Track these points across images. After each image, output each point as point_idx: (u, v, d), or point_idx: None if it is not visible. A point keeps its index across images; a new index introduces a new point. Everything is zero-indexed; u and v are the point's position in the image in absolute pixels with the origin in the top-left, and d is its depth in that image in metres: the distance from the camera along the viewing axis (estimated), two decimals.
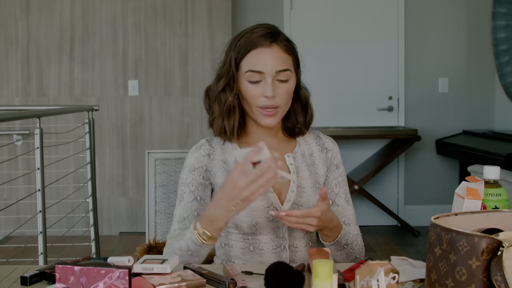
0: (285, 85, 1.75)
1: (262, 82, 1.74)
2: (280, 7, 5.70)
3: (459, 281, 1.11)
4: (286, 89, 1.76)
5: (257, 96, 1.74)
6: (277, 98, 1.74)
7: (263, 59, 1.73)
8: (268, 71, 1.73)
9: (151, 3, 5.48)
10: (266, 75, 1.73)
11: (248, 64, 1.75)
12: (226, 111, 1.79)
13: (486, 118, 5.82)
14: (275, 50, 1.74)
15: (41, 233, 3.31)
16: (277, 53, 1.75)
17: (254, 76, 1.74)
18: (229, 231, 1.80)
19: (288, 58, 1.77)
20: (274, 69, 1.73)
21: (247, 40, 1.76)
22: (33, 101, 5.47)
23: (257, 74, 1.73)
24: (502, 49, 5.50)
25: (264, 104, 1.74)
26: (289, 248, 1.78)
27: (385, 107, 5.79)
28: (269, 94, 1.72)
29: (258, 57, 1.74)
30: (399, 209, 5.82)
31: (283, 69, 1.74)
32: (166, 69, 5.53)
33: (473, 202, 1.34)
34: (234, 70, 1.77)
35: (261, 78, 1.73)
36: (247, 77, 1.75)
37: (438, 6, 5.75)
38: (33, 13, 5.45)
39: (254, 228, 1.75)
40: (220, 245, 1.83)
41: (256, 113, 1.77)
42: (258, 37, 1.75)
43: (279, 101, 1.74)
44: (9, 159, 4.43)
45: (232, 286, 1.40)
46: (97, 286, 1.24)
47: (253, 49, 1.74)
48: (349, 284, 1.43)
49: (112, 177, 5.57)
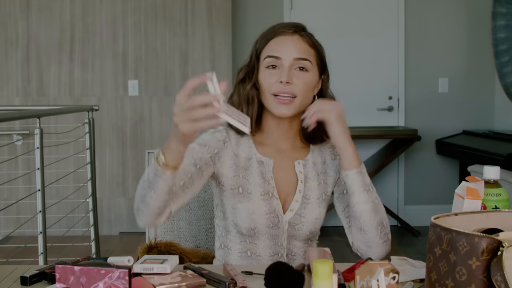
0: (303, 74, 1.70)
1: (279, 69, 1.70)
2: (280, 7, 5.70)
3: (459, 281, 1.11)
4: (304, 78, 1.70)
5: (272, 82, 1.69)
6: (293, 86, 1.68)
7: (282, 45, 1.71)
8: (285, 57, 1.69)
9: (151, 3, 5.48)
10: (283, 61, 1.69)
11: (267, 51, 1.72)
12: (244, 100, 1.75)
13: (486, 118, 5.82)
14: (295, 38, 1.72)
15: (41, 233, 3.31)
16: (298, 42, 1.72)
17: (272, 62, 1.70)
18: (228, 230, 1.77)
19: (310, 50, 1.73)
20: (292, 55, 1.69)
21: (270, 31, 1.75)
22: (33, 101, 5.47)
23: (275, 60, 1.70)
24: (502, 49, 5.50)
25: (278, 90, 1.68)
26: (287, 256, 1.76)
27: (385, 107, 5.80)
28: (283, 79, 1.67)
29: (278, 43, 1.72)
30: (399, 209, 5.82)
31: (302, 58, 1.70)
32: (166, 69, 5.53)
33: (473, 202, 1.34)
34: (254, 60, 1.75)
35: (278, 64, 1.70)
36: (265, 64, 1.72)
37: (438, 6, 5.76)
38: (33, 13, 5.45)
39: (252, 232, 1.72)
40: (220, 247, 1.81)
41: (270, 101, 1.71)
42: (281, 27, 1.74)
43: (295, 90, 1.68)
44: (9, 159, 4.44)
45: (232, 286, 1.40)
46: (97, 286, 1.24)
47: (274, 37, 1.73)
48: (349, 284, 1.43)
49: (112, 177, 5.57)
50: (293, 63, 1.69)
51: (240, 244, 1.76)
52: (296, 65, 1.70)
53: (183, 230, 2.08)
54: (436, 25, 5.77)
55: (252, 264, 1.74)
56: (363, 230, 1.67)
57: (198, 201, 2.09)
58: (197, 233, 2.09)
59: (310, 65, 1.72)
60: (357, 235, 1.70)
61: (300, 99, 1.70)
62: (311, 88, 1.75)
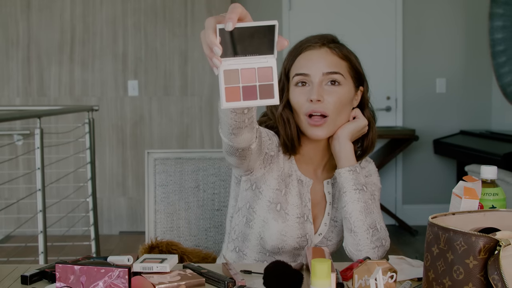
0: (335, 88, 1.60)
1: (308, 87, 1.61)
2: (279, 7, 5.70)
3: (457, 280, 1.12)
4: (336, 94, 1.60)
5: (302, 102, 1.60)
6: (325, 104, 1.59)
7: (309, 60, 1.62)
8: (314, 73, 1.60)
9: (151, 3, 5.48)
10: (312, 77, 1.60)
11: (295, 69, 1.63)
12: (280, 122, 1.65)
13: (483, 118, 5.83)
14: (323, 52, 1.63)
15: (42, 233, 3.32)
16: (326, 55, 1.63)
17: (300, 79, 1.61)
18: (248, 238, 1.71)
19: (340, 62, 1.64)
20: (320, 70, 1.60)
21: (297, 46, 1.67)
22: (33, 101, 5.48)
23: (303, 77, 1.61)
24: (499, 49, 5.51)
25: (310, 109, 1.59)
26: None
27: (383, 107, 5.80)
28: (313, 97, 1.57)
29: (305, 59, 1.63)
30: (397, 208, 5.83)
31: (332, 71, 1.60)
32: (165, 70, 5.53)
33: (471, 201, 1.34)
34: (284, 80, 1.67)
35: (307, 81, 1.61)
36: (294, 82, 1.63)
37: (436, 7, 5.76)
38: (33, 14, 5.46)
39: (277, 250, 1.67)
40: (234, 249, 1.76)
41: (303, 123, 1.62)
42: (308, 41, 1.66)
43: (327, 108, 1.59)
44: (10, 159, 4.44)
45: (231, 285, 1.40)
46: (97, 285, 1.24)
47: (302, 53, 1.64)
48: (347, 283, 1.43)
49: (112, 177, 5.58)
50: (323, 78, 1.60)
51: (258, 254, 1.71)
52: (327, 80, 1.61)
53: (182, 230, 2.08)
54: (433, 26, 5.78)
55: None
56: (353, 231, 1.61)
57: (198, 200, 2.09)
58: (196, 233, 2.09)
59: (342, 79, 1.62)
60: (348, 237, 1.63)
61: (334, 119, 1.62)
62: (347, 103, 1.65)
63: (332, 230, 1.73)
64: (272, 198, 1.66)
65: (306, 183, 1.71)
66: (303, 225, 1.68)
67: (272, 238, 1.65)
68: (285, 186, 1.68)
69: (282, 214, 1.66)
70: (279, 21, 5.62)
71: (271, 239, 1.66)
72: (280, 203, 1.66)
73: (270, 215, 1.66)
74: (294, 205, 1.67)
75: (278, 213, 1.66)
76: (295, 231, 1.66)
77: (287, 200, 1.67)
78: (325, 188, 1.74)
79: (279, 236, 1.65)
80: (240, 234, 1.73)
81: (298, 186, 1.70)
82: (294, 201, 1.68)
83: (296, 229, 1.66)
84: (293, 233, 1.66)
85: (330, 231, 1.73)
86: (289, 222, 1.66)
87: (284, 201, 1.67)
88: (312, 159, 1.73)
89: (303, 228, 1.68)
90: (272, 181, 1.66)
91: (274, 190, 1.67)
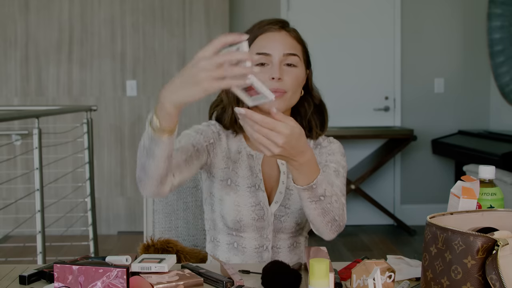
0: (293, 69, 1.70)
1: (269, 66, 1.68)
2: (277, 8, 5.70)
3: (455, 280, 1.12)
4: (294, 74, 1.69)
5: (263, 80, 1.64)
6: (284, 82, 1.67)
7: (270, 41, 1.70)
8: (275, 53, 1.68)
9: (149, 3, 5.48)
10: (273, 58, 1.68)
11: (255, 49, 1.70)
12: (234, 99, 1.75)
13: (481, 118, 5.84)
14: (283, 34, 1.72)
15: (40, 233, 3.32)
16: (286, 37, 1.72)
17: (261, 59, 1.68)
18: (215, 223, 1.78)
19: (297, 46, 1.74)
20: (281, 51, 1.69)
21: (256, 28, 1.74)
22: (31, 101, 5.47)
23: (264, 57, 1.68)
24: (497, 49, 5.52)
25: (271, 87, 1.61)
26: (272, 249, 1.76)
27: (381, 107, 5.81)
28: (275, 75, 1.66)
29: (266, 40, 1.71)
30: (395, 208, 5.83)
31: (291, 53, 1.70)
32: (164, 70, 5.53)
33: (469, 201, 1.35)
34: None
35: (268, 61, 1.68)
36: (255, 62, 1.68)
37: (434, 7, 5.77)
38: (31, 14, 5.45)
39: (238, 224, 1.73)
40: (210, 240, 1.83)
41: None
42: (267, 24, 1.73)
43: (286, 86, 1.68)
44: (8, 159, 4.44)
45: (230, 285, 1.41)
46: (95, 285, 1.24)
47: (261, 34, 1.72)
48: (346, 283, 1.44)
49: (110, 177, 5.58)
50: (283, 59, 1.69)
51: (227, 236, 1.77)
52: (285, 61, 1.69)
53: (180, 229, 2.08)
54: (432, 25, 5.78)
55: (238, 255, 1.75)
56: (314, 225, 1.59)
57: (196, 200, 2.09)
58: (195, 232, 2.09)
59: (298, 60, 1.72)
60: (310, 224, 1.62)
61: (291, 95, 1.70)
62: (300, 83, 1.74)
63: (288, 197, 1.76)
64: (222, 176, 1.76)
65: (256, 156, 1.78)
66: (255, 194, 1.74)
67: (229, 213, 1.73)
68: (234, 162, 1.77)
69: (233, 187, 1.74)
70: None
71: (229, 214, 1.73)
72: (230, 178, 1.76)
73: (223, 192, 1.75)
74: (245, 177, 1.75)
75: (229, 187, 1.75)
76: (247, 199, 1.73)
77: (237, 174, 1.76)
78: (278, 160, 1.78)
79: (234, 207, 1.72)
80: (211, 223, 1.82)
81: (249, 160, 1.78)
82: (244, 173, 1.76)
83: (248, 197, 1.72)
84: (246, 201, 1.72)
85: (286, 198, 1.76)
86: (240, 192, 1.74)
87: (234, 175, 1.76)
88: None
89: (255, 197, 1.73)
90: (219, 162, 1.76)
91: (223, 169, 1.76)
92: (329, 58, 5.70)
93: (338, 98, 5.69)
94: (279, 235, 1.77)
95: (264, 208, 1.74)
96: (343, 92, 5.72)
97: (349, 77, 5.74)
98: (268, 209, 1.74)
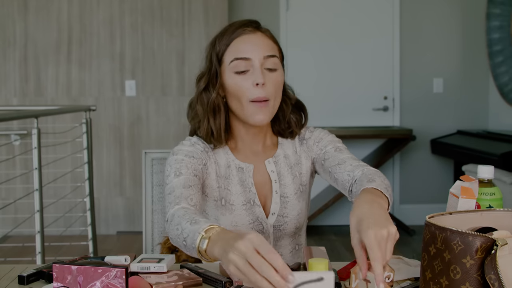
0: (273, 74, 1.61)
1: (250, 72, 1.60)
2: (276, 8, 5.70)
3: (454, 280, 1.12)
4: (275, 78, 1.61)
5: (247, 87, 1.59)
6: (267, 87, 1.59)
7: (248, 45, 1.61)
8: (255, 57, 1.59)
9: (148, 4, 5.48)
10: (253, 62, 1.59)
11: (232, 54, 1.61)
12: (210, 110, 1.65)
13: (480, 118, 5.84)
14: (259, 36, 1.63)
15: (39, 233, 3.32)
16: (263, 39, 1.63)
17: (240, 65, 1.60)
18: None
19: (274, 46, 1.65)
20: (261, 54, 1.60)
21: (227, 32, 1.64)
22: (30, 101, 5.47)
23: (244, 62, 1.60)
24: (496, 49, 5.52)
25: (256, 95, 1.58)
26: None
27: (380, 107, 5.81)
28: (260, 81, 1.57)
29: (243, 44, 1.61)
30: (394, 208, 5.83)
31: (271, 55, 1.61)
32: (163, 70, 5.53)
33: (468, 201, 1.35)
34: (216, 65, 1.64)
35: (248, 66, 1.60)
36: (233, 68, 1.61)
37: (433, 7, 5.77)
38: (30, 14, 5.45)
39: None
40: None
41: (248, 109, 1.60)
42: (239, 26, 1.64)
43: (268, 92, 1.59)
44: (7, 159, 4.44)
45: (228, 285, 1.40)
46: (94, 285, 1.24)
47: (236, 38, 1.62)
48: (345, 283, 1.44)
49: (109, 177, 5.57)
50: (263, 62, 1.60)
51: None
52: (265, 64, 1.60)
53: None
54: (431, 25, 5.78)
55: None
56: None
57: None
58: None
59: (278, 62, 1.64)
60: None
61: (273, 103, 1.63)
62: (281, 85, 1.66)
63: (284, 206, 1.72)
64: (215, 196, 1.69)
65: (247, 168, 1.72)
66: (252, 210, 1.69)
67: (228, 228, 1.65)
68: (225, 179, 1.70)
69: (228, 207, 1.69)
70: (277, 21, 5.63)
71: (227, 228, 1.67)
72: (223, 197, 1.69)
73: (218, 212, 1.70)
74: (238, 194, 1.69)
75: (224, 207, 1.69)
76: (245, 218, 1.68)
77: (230, 191, 1.69)
78: (267, 167, 1.73)
79: (232, 228, 1.66)
80: None
81: (239, 174, 1.71)
82: (236, 190, 1.69)
83: (245, 216, 1.68)
84: (243, 220, 1.68)
85: (283, 207, 1.71)
86: (236, 211, 1.68)
87: (227, 194, 1.69)
88: (249, 144, 1.73)
89: (252, 213, 1.69)
90: (212, 182, 1.69)
91: (215, 188, 1.69)
92: (328, 58, 5.70)
93: (337, 98, 5.70)
94: (280, 242, 1.75)
95: (262, 222, 1.70)
96: (342, 92, 5.72)
97: (348, 77, 5.74)
98: (267, 222, 1.71)
